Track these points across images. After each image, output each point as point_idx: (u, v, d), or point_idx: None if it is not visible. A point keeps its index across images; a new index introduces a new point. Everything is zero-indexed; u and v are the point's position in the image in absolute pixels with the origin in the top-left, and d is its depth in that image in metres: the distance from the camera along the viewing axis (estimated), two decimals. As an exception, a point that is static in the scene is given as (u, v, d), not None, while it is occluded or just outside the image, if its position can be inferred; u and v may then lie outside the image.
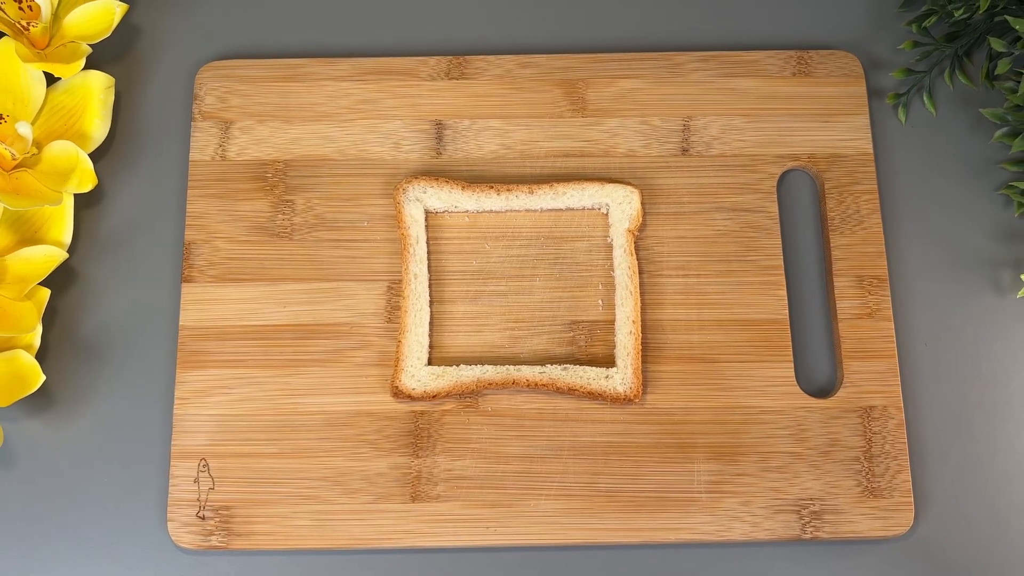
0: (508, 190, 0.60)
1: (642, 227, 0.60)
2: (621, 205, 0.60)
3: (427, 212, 0.60)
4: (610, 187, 0.60)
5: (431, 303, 0.59)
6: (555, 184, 0.60)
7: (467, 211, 0.60)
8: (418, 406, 0.58)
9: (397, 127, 0.63)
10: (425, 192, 0.60)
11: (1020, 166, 0.63)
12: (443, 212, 0.60)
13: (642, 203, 0.60)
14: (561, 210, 0.60)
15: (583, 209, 0.60)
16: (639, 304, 0.58)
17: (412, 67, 0.64)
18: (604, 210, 0.60)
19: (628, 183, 0.60)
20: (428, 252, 0.60)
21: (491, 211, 0.60)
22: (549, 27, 0.66)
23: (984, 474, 0.58)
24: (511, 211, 0.60)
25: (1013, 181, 0.62)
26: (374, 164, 0.62)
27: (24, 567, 0.57)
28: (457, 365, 0.57)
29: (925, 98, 0.64)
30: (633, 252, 0.59)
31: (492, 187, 0.60)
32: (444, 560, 0.57)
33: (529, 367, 0.57)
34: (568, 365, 0.57)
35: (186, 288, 0.60)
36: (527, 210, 0.60)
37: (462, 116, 0.63)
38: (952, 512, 0.57)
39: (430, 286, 0.59)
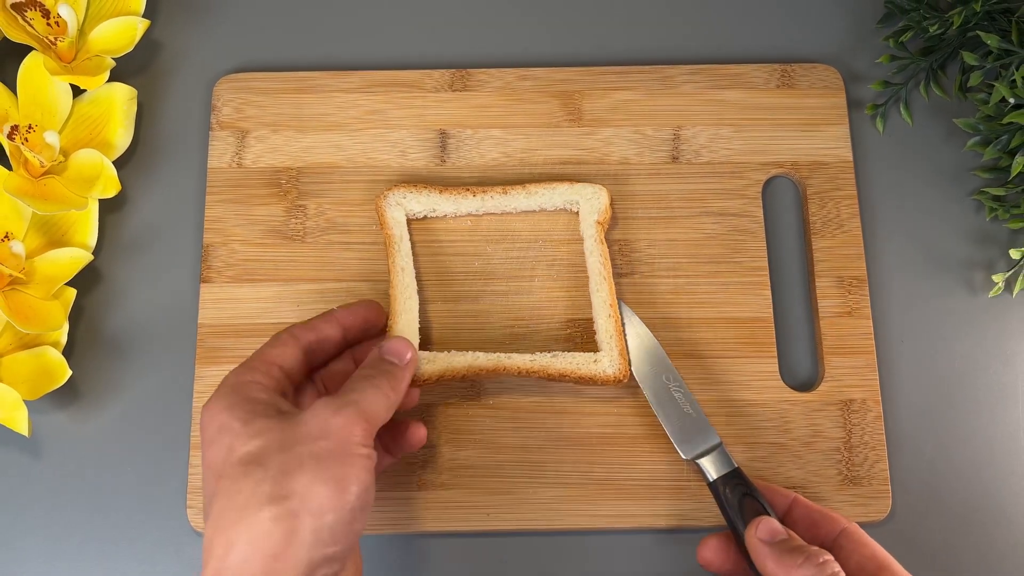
0: (483, 192, 0.59)
1: (614, 225, 0.61)
2: (590, 200, 0.59)
3: (409, 217, 0.60)
4: (579, 186, 0.60)
5: (420, 294, 0.58)
6: (528, 185, 0.60)
7: (446, 214, 0.60)
8: (422, 398, 0.58)
9: (404, 136, 0.63)
10: (405, 197, 0.59)
11: (991, 173, 0.63)
12: (423, 216, 0.60)
13: (611, 200, 0.60)
14: (535, 211, 0.60)
15: (555, 209, 0.60)
16: (613, 289, 0.58)
17: (418, 80, 0.64)
18: (575, 208, 0.60)
19: (595, 183, 0.60)
20: (413, 250, 0.59)
21: (469, 214, 0.60)
22: (547, 42, 0.66)
23: (957, 463, 0.58)
24: (487, 213, 0.60)
25: (984, 187, 0.63)
26: (382, 171, 0.62)
27: (51, 551, 0.57)
28: (448, 351, 0.57)
29: (902, 109, 0.64)
30: (603, 241, 0.58)
31: (468, 190, 0.59)
32: (447, 544, 0.57)
33: (520, 355, 0.56)
34: (557, 352, 0.56)
35: (204, 288, 0.60)
36: (503, 211, 0.60)
37: (465, 126, 0.63)
38: (927, 499, 0.58)
39: (418, 279, 0.58)
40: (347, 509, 0.44)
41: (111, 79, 0.62)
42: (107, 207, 0.62)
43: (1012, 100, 0.58)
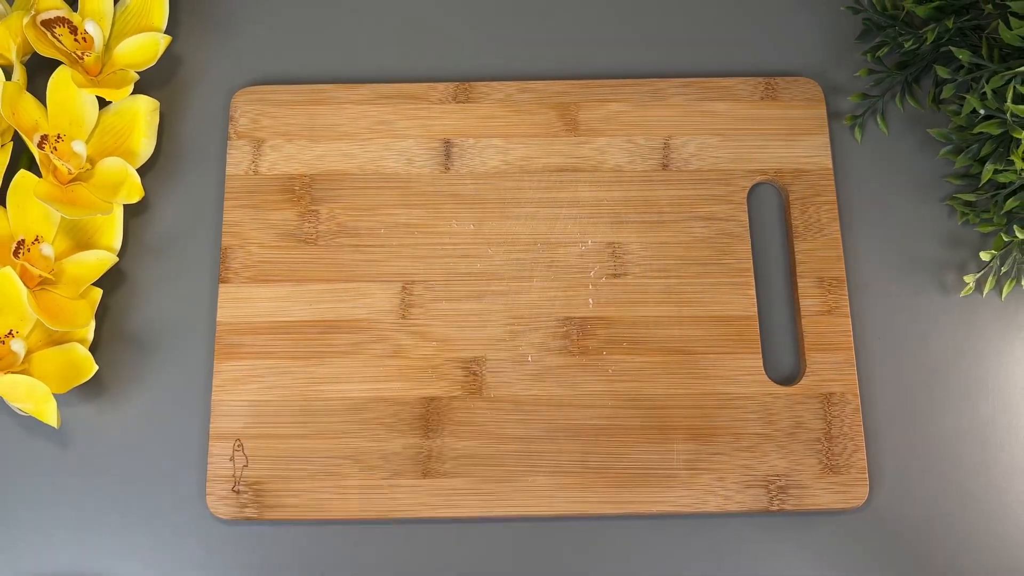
0: None
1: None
2: None
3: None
4: None
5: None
6: None
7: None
8: (425, 391, 0.58)
9: (410, 145, 0.63)
10: None
11: (962, 180, 0.63)
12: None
13: None
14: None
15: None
16: None
17: (424, 92, 0.64)
18: None
19: None
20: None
21: None
22: (545, 57, 0.67)
23: (930, 453, 0.59)
24: None
25: (956, 193, 0.63)
26: (390, 178, 0.62)
27: (78, 537, 0.57)
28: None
29: (879, 120, 0.65)
30: None
31: None
32: (451, 529, 0.57)
33: None
34: None
35: (223, 288, 0.60)
36: None
37: (468, 135, 0.63)
38: (902, 487, 0.58)
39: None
40: None
41: (135, 91, 0.62)
42: (131, 211, 0.63)
43: (982, 111, 0.58)
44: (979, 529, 0.58)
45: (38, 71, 0.64)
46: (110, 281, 0.61)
